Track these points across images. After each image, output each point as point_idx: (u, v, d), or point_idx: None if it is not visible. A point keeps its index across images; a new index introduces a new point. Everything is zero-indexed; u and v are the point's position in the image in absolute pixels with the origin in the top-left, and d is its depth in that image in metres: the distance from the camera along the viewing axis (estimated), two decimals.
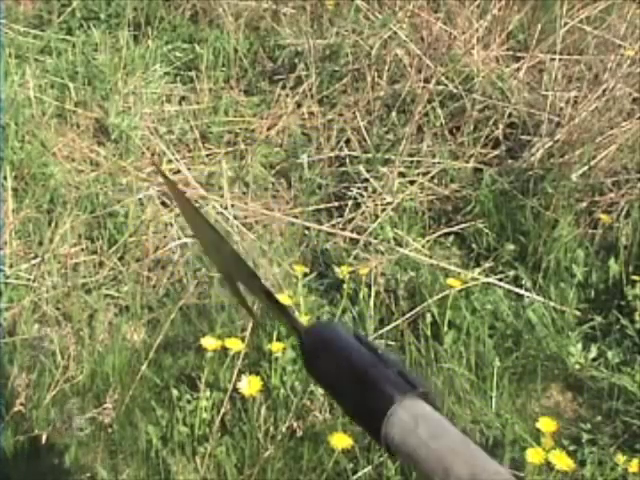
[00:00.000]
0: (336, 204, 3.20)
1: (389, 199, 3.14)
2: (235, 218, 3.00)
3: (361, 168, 3.24)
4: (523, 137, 3.36)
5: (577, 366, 2.58)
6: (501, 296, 2.76)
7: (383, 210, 3.09)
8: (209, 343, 2.34)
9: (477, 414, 2.42)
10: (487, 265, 2.90)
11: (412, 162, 3.29)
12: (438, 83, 3.46)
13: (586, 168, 3.12)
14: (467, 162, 3.30)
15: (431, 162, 3.30)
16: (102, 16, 3.95)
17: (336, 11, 3.97)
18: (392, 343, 2.59)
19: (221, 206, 3.06)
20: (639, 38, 3.60)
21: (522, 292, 2.80)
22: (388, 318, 2.67)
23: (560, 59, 3.56)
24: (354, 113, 3.52)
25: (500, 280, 2.83)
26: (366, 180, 3.21)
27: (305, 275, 2.67)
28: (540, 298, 2.76)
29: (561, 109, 3.38)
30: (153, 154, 3.33)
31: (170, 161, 3.29)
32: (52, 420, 2.38)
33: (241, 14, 3.99)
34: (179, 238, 2.94)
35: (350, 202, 3.14)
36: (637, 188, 3.08)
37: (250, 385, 2.26)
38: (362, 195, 3.15)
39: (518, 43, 3.84)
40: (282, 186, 3.31)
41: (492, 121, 3.40)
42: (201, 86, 3.67)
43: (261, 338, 2.49)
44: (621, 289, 2.77)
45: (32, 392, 2.42)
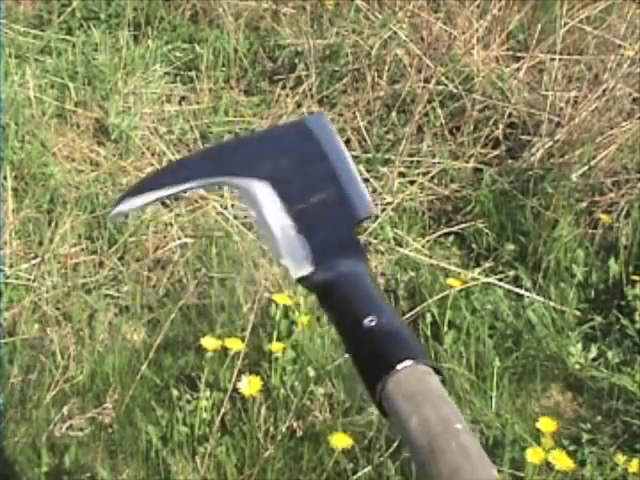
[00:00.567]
0: None
1: (389, 199, 3.14)
2: (235, 218, 3.00)
3: (361, 168, 3.24)
4: (523, 137, 3.36)
5: (577, 366, 2.58)
6: (501, 296, 2.76)
7: (383, 210, 3.09)
8: (209, 343, 2.34)
9: (477, 414, 2.42)
10: (487, 265, 2.90)
11: (412, 162, 3.29)
12: (438, 83, 3.46)
13: (586, 168, 3.12)
14: (467, 162, 3.30)
15: (431, 162, 3.30)
16: (102, 16, 3.95)
17: (336, 11, 3.97)
18: None
19: (221, 206, 3.06)
20: (639, 38, 3.60)
21: (522, 292, 2.80)
22: None
23: (560, 59, 3.55)
24: (354, 113, 3.52)
25: (500, 280, 2.83)
26: (366, 180, 3.21)
27: None
28: (540, 298, 2.76)
29: (561, 109, 3.38)
30: (153, 154, 3.33)
31: (170, 161, 3.29)
32: (52, 420, 2.38)
33: (241, 14, 3.98)
34: (179, 238, 2.94)
35: None
36: (637, 188, 3.08)
37: (250, 385, 2.26)
38: None
39: (518, 43, 3.84)
40: None
41: (492, 121, 3.40)
42: (201, 86, 3.67)
43: (261, 338, 2.49)
44: (621, 289, 2.77)
45: (32, 392, 2.42)
